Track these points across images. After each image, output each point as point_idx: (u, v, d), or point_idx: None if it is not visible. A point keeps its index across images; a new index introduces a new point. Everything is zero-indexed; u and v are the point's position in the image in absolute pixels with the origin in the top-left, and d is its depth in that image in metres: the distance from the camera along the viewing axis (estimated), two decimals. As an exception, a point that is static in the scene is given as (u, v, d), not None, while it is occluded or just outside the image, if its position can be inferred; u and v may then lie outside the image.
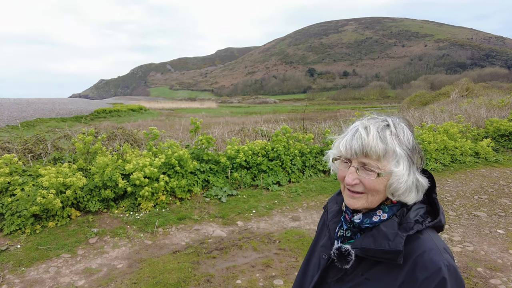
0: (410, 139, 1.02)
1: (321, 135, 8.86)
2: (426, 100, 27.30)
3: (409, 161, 1.00)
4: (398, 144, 0.99)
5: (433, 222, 1.01)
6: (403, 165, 1.00)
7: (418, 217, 1.01)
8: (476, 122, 12.02)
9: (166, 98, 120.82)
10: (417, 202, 1.03)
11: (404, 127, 1.03)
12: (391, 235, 0.98)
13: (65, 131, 7.57)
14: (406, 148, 1.00)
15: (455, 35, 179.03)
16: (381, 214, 1.04)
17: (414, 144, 1.03)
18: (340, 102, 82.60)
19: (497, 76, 74.88)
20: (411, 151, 1.01)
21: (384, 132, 1.00)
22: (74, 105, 36.84)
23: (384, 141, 0.98)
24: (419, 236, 0.97)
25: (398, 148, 0.99)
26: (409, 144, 1.01)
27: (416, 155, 1.03)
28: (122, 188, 5.26)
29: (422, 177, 1.04)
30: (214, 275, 3.68)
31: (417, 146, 1.04)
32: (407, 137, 1.01)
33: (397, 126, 1.02)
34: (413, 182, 1.01)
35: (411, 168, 1.01)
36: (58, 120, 26.25)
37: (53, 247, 4.30)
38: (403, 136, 1.01)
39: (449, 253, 0.96)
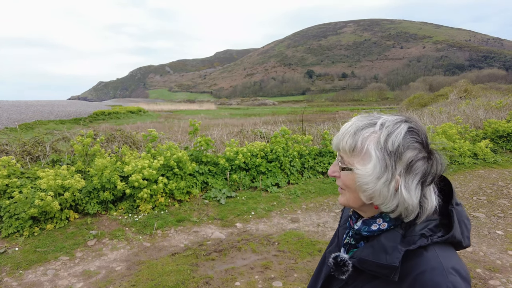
0: (396, 144, 0.88)
1: (320, 136, 8.86)
2: (425, 102, 27.36)
3: (382, 165, 0.90)
4: (373, 144, 0.91)
5: (443, 237, 0.89)
6: (372, 166, 0.91)
7: (425, 230, 0.90)
8: (474, 123, 12.05)
9: (165, 100, 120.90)
10: (429, 213, 0.92)
11: (398, 130, 0.90)
12: (389, 248, 0.90)
13: (63, 133, 7.56)
14: (383, 150, 0.90)
15: (453, 36, 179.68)
16: (380, 223, 0.97)
17: (401, 150, 0.89)
18: (339, 103, 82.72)
19: (495, 78, 75.11)
20: (388, 155, 0.89)
21: (363, 130, 0.94)
22: (73, 107, 36.81)
23: (355, 138, 0.94)
24: (423, 252, 0.87)
25: (372, 148, 0.91)
26: (391, 147, 0.89)
27: (398, 162, 0.89)
28: (120, 190, 5.25)
29: (413, 192, 0.90)
30: (213, 277, 3.67)
31: (411, 155, 0.89)
32: (392, 140, 0.89)
33: (386, 126, 0.92)
34: (389, 191, 0.91)
35: (385, 173, 0.90)
36: (57, 122, 26.20)
37: (51, 249, 4.28)
38: (384, 138, 0.90)
39: (461, 274, 0.85)
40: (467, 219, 0.96)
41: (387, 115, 0.96)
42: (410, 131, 0.90)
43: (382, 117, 0.95)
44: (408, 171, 0.89)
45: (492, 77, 77.68)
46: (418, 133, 0.91)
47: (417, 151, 0.89)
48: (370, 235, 0.98)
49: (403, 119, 0.93)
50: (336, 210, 5.69)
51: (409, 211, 0.92)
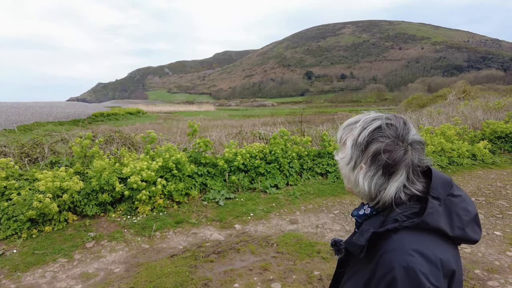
0: (363, 137, 1.02)
1: (318, 137, 8.87)
2: (423, 103, 27.43)
3: (351, 154, 1.05)
4: (351, 137, 1.06)
5: (413, 222, 0.95)
6: (344, 155, 1.09)
7: (399, 216, 0.97)
8: (473, 124, 12.07)
9: (164, 101, 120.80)
10: (385, 201, 1.01)
11: (370, 126, 1.02)
12: (365, 231, 1.01)
13: (62, 134, 7.55)
14: (354, 142, 1.04)
15: (451, 37, 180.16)
16: (365, 208, 1.10)
17: (367, 142, 1.01)
18: (337, 104, 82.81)
19: (494, 79, 75.34)
20: (357, 146, 1.03)
21: (349, 125, 1.10)
22: (71, 109, 36.77)
23: (342, 132, 1.11)
24: (392, 235, 0.95)
25: (349, 140, 1.07)
26: (360, 140, 1.02)
27: (364, 152, 1.02)
28: (119, 192, 5.24)
29: (368, 180, 1.02)
30: (211, 279, 3.67)
31: (376, 148, 1.00)
32: (363, 135, 1.02)
33: (363, 123, 1.05)
34: (353, 176, 1.06)
35: (351, 161, 1.05)
36: (55, 124, 26.16)
37: (50, 251, 4.27)
38: (358, 132, 1.04)
39: (425, 256, 0.90)
40: (465, 210, 1.00)
41: (374, 113, 1.08)
42: (381, 127, 1.01)
43: (367, 115, 1.07)
44: (372, 161, 1.01)
45: (491, 78, 77.91)
46: (392, 128, 1.01)
47: (382, 144, 0.99)
48: (360, 220, 1.11)
49: (382, 116, 1.05)
50: (335, 212, 5.69)
51: (364, 196, 1.06)
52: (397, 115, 1.06)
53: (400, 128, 1.01)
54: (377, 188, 1.01)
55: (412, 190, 1.00)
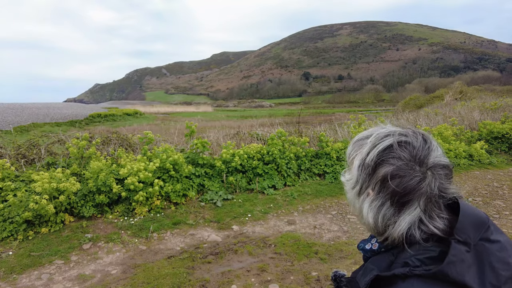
0: (371, 157, 0.85)
1: (316, 138, 8.87)
2: (421, 103, 27.53)
3: (358, 176, 0.89)
4: (359, 155, 0.90)
5: (428, 270, 0.74)
6: (350, 176, 0.92)
7: (412, 259, 0.78)
8: (469, 124, 12.12)
9: (161, 102, 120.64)
10: (393, 239, 0.83)
11: (380, 144, 0.85)
12: (369, 270, 0.85)
13: (59, 136, 7.51)
14: (362, 163, 0.88)
15: (448, 38, 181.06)
16: (373, 243, 0.93)
17: (375, 164, 0.84)
18: (335, 105, 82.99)
19: (490, 79, 75.78)
20: (364, 168, 0.87)
21: (359, 141, 0.93)
22: (69, 110, 36.63)
23: (351, 147, 0.95)
24: (399, 282, 0.77)
25: (356, 159, 0.90)
26: (368, 160, 0.86)
27: (372, 176, 0.85)
28: (116, 193, 5.22)
29: (374, 210, 0.84)
30: (209, 280, 3.65)
31: (386, 171, 0.82)
32: (371, 154, 0.85)
33: (373, 139, 0.88)
34: (359, 203, 0.89)
35: (357, 185, 0.89)
36: (52, 125, 26.05)
37: (46, 253, 4.25)
38: (367, 151, 0.87)
39: None
40: (505, 263, 0.76)
41: (391, 127, 0.91)
42: (392, 146, 0.84)
43: (382, 129, 0.91)
44: (381, 187, 0.83)
45: (487, 78, 78.34)
46: (406, 148, 0.83)
47: (393, 168, 0.81)
48: (367, 255, 0.95)
49: (396, 132, 0.87)
50: (332, 212, 5.69)
51: (369, 229, 0.89)
52: (417, 130, 0.88)
53: (418, 148, 0.83)
54: (385, 221, 0.83)
55: (430, 228, 0.80)
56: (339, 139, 9.08)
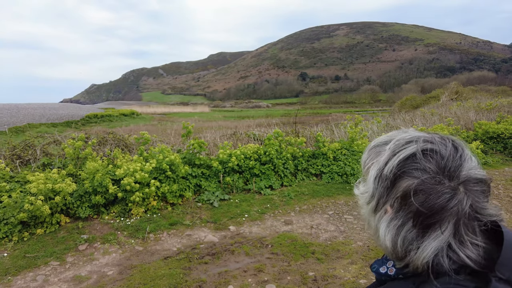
0: (390, 168, 0.72)
1: (313, 138, 8.88)
2: (417, 104, 27.65)
3: (374, 189, 0.75)
4: (376, 164, 0.76)
5: None
6: (365, 189, 0.79)
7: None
8: (465, 124, 12.19)
9: (158, 103, 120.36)
10: (417, 267, 0.69)
11: (401, 152, 0.72)
12: None
13: (55, 136, 7.47)
14: (378, 174, 0.74)
15: (444, 39, 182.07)
16: (389, 266, 0.80)
17: (395, 177, 0.71)
18: (332, 106, 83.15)
19: (485, 80, 76.25)
20: (381, 180, 0.73)
21: (377, 147, 0.80)
22: (65, 110, 36.44)
23: (367, 154, 0.82)
24: None
25: (373, 168, 0.77)
26: (386, 171, 0.72)
27: (391, 190, 0.72)
28: (112, 193, 5.20)
29: (393, 231, 0.71)
30: (206, 280, 3.64)
31: (407, 185, 0.69)
32: (390, 164, 0.72)
33: (397, 145, 0.74)
34: (375, 222, 0.76)
35: (373, 200, 0.76)
36: (48, 126, 25.91)
37: (41, 254, 4.22)
38: (385, 160, 0.74)
39: None
40: None
41: (414, 132, 0.78)
42: (415, 155, 0.70)
43: (403, 133, 0.78)
44: (401, 204, 0.70)
45: (482, 79, 78.84)
46: (433, 157, 0.69)
47: (417, 182, 0.67)
48: (379, 278, 0.83)
49: (420, 138, 0.73)
50: (329, 212, 5.70)
51: (387, 253, 0.75)
52: (445, 136, 0.75)
53: (448, 157, 0.69)
54: (405, 245, 0.69)
55: (461, 256, 0.65)
56: (335, 139, 9.10)
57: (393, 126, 12.04)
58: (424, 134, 0.75)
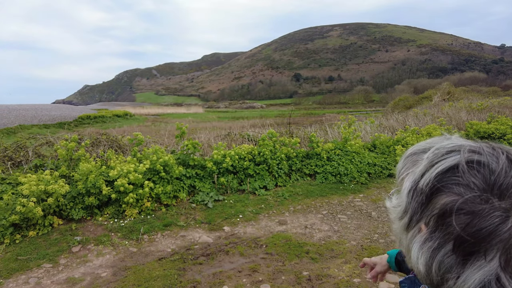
0: (426, 182, 0.61)
1: (307, 139, 8.92)
2: (410, 104, 27.88)
3: (407, 203, 0.65)
4: (411, 175, 0.66)
5: None
6: (398, 202, 0.70)
7: None
8: (457, 124, 12.34)
9: (152, 104, 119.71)
10: None
11: (440, 163, 0.61)
12: None
13: (47, 137, 7.40)
14: (413, 186, 0.64)
15: (436, 40, 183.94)
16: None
17: (431, 192, 0.60)
18: (325, 106, 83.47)
19: (477, 80, 77.22)
20: (416, 194, 0.63)
21: (414, 155, 0.70)
22: (57, 111, 36.05)
23: (403, 163, 0.72)
24: None
25: (408, 179, 0.67)
26: (422, 185, 0.61)
27: (426, 207, 0.61)
28: (106, 195, 5.17)
29: (427, 254, 0.60)
30: (200, 281, 3.64)
31: (445, 202, 0.58)
32: (427, 177, 0.61)
33: (436, 155, 0.63)
34: (407, 240, 0.67)
35: (404, 216, 0.66)
36: (40, 127, 25.63)
37: (34, 257, 4.18)
38: (422, 171, 0.63)
39: None
40: None
41: (457, 139, 0.67)
42: (457, 167, 0.59)
43: (444, 141, 0.67)
44: (438, 223, 0.59)
45: (474, 80, 79.84)
46: (480, 171, 0.57)
47: (457, 200, 0.56)
48: None
49: (466, 147, 0.62)
50: (323, 212, 5.73)
51: (420, 277, 0.64)
52: (498, 146, 0.62)
53: (499, 172, 0.57)
54: (442, 271, 0.58)
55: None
56: (329, 140, 9.14)
57: (386, 126, 12.14)
58: (470, 142, 0.64)
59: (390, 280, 3.57)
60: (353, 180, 7.32)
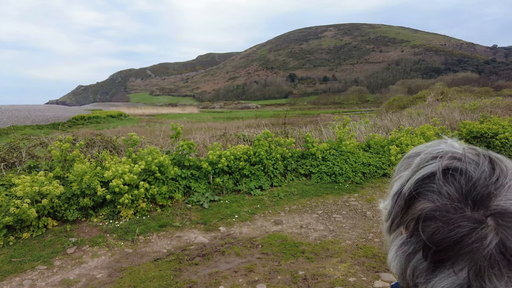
0: (407, 188, 0.61)
1: (302, 139, 8.95)
2: (404, 104, 28.07)
3: (391, 207, 0.66)
4: (400, 179, 0.66)
5: None
6: (384, 206, 0.70)
7: None
8: (450, 124, 12.46)
9: (146, 104, 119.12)
10: None
11: (422, 170, 0.60)
12: None
13: (41, 138, 7.34)
14: (397, 189, 0.65)
15: (429, 41, 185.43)
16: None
17: (410, 198, 0.60)
18: (320, 106, 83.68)
19: (469, 81, 77.99)
20: (399, 198, 0.63)
21: (407, 158, 0.70)
22: (51, 112, 35.72)
23: (400, 165, 0.71)
24: None
25: (397, 182, 0.67)
26: (405, 190, 0.62)
27: (406, 211, 0.61)
28: (101, 196, 5.14)
29: (401, 257, 0.60)
30: (196, 281, 3.64)
31: (420, 209, 0.57)
32: (411, 181, 0.61)
33: (423, 159, 0.63)
34: (389, 242, 0.67)
35: (388, 219, 0.67)
36: (33, 128, 25.39)
37: (28, 259, 4.15)
38: (408, 176, 0.63)
39: None
40: None
41: (453, 142, 0.66)
42: (435, 174, 0.58)
43: (435, 146, 0.65)
44: (414, 229, 0.58)
45: (466, 80, 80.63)
46: (456, 179, 0.56)
47: (431, 207, 0.55)
48: None
49: (447, 153, 0.60)
50: (318, 212, 5.75)
51: (398, 278, 0.64)
52: (484, 152, 0.60)
53: (477, 180, 0.54)
54: (415, 276, 0.58)
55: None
56: (324, 140, 9.18)
57: (380, 126, 12.22)
58: (458, 148, 0.61)
59: (385, 279, 3.60)
60: (348, 179, 7.36)
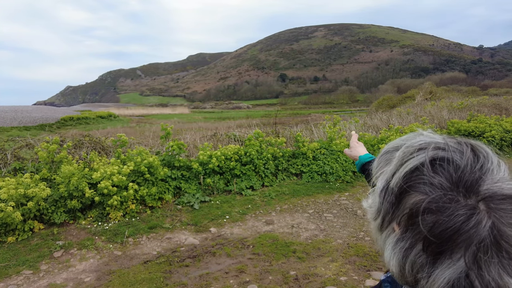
0: (396, 181, 0.61)
1: (293, 138, 8.95)
2: (393, 103, 28.38)
3: (379, 204, 0.65)
4: (384, 174, 0.66)
5: None
6: (372, 202, 0.69)
7: None
8: (439, 123, 12.63)
9: (136, 105, 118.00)
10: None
11: (409, 162, 0.60)
12: None
13: (27, 140, 7.19)
14: (385, 186, 0.64)
15: (418, 41, 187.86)
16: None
17: (400, 191, 0.60)
18: (311, 106, 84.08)
19: (457, 80, 79.37)
20: (387, 194, 0.63)
21: (388, 153, 0.69)
22: (38, 113, 35.07)
23: (377, 160, 0.71)
24: None
25: (381, 178, 0.66)
26: (393, 184, 0.61)
27: (397, 206, 0.61)
28: (89, 197, 5.05)
29: (399, 254, 0.59)
30: (187, 283, 3.60)
31: (413, 202, 0.57)
32: (397, 176, 0.61)
33: (405, 153, 0.62)
34: (382, 240, 0.66)
35: (377, 217, 0.66)
36: (20, 129, 24.91)
37: (13, 263, 4.05)
38: (393, 170, 0.63)
39: None
40: None
41: (430, 134, 0.65)
42: (423, 165, 0.58)
43: (416, 138, 0.65)
44: (408, 223, 0.58)
45: (454, 79, 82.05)
46: (445, 168, 0.57)
47: (423, 199, 0.56)
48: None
49: (431, 143, 0.61)
50: (309, 211, 5.75)
51: (396, 277, 0.63)
52: (463, 140, 0.61)
53: (464, 168, 0.56)
54: (414, 270, 0.58)
55: (489, 282, 0.51)
56: (315, 139, 9.20)
57: (370, 125, 12.31)
58: (438, 138, 0.62)
59: (376, 277, 3.61)
60: (339, 179, 7.39)
